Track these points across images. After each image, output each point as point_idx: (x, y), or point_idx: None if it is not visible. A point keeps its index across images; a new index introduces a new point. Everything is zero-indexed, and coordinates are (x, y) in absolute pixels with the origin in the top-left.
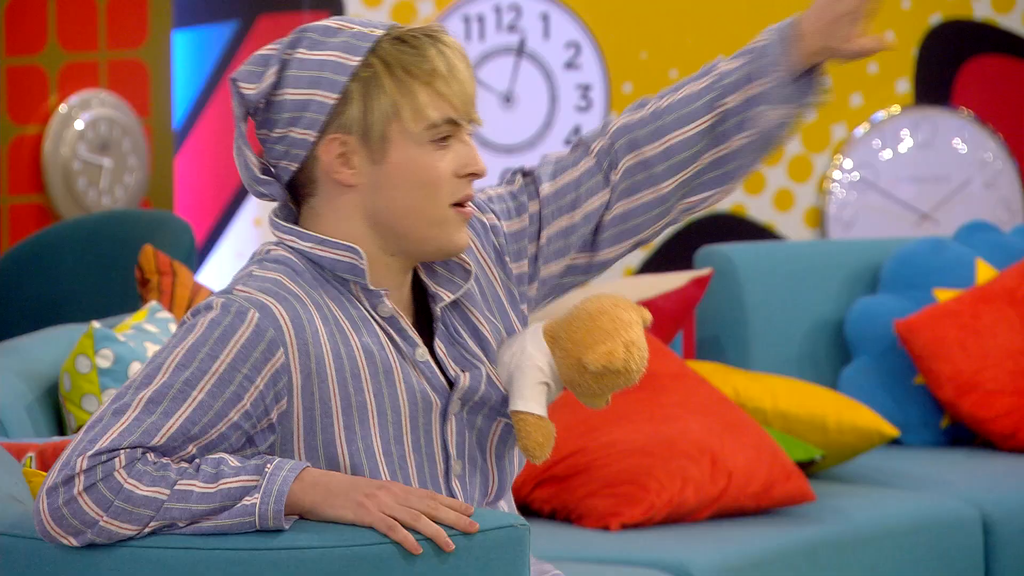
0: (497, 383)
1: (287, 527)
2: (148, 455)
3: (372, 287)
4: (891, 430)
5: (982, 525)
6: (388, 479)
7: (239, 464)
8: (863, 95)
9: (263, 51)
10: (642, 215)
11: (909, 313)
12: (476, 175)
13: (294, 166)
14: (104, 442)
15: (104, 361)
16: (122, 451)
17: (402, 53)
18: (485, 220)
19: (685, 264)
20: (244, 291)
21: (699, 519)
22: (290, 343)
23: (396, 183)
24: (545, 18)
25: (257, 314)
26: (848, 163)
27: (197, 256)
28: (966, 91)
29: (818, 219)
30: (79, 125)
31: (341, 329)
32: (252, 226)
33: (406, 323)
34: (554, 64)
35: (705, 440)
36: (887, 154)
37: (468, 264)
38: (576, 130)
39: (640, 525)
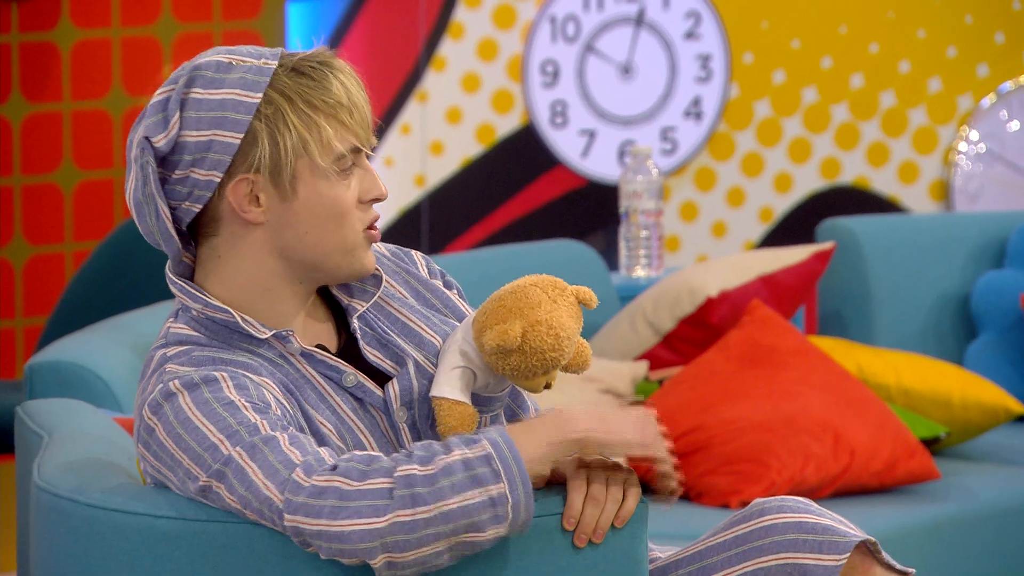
0: (430, 370)
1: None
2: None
3: (271, 332)
4: (1017, 406)
5: None
6: None
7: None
8: (989, 65)
9: (157, 97)
10: None
11: None
12: (378, 199)
13: (197, 207)
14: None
15: None
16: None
17: (301, 86)
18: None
19: (807, 238)
20: (175, 369)
21: (821, 497)
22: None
23: (305, 218)
24: None
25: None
26: (974, 135)
27: None
28: None
29: (943, 192)
30: None
31: (272, 374)
32: None
33: (323, 355)
34: (674, 34)
35: (827, 417)
36: (1014, 125)
37: (377, 270)
38: (696, 101)
39: None
